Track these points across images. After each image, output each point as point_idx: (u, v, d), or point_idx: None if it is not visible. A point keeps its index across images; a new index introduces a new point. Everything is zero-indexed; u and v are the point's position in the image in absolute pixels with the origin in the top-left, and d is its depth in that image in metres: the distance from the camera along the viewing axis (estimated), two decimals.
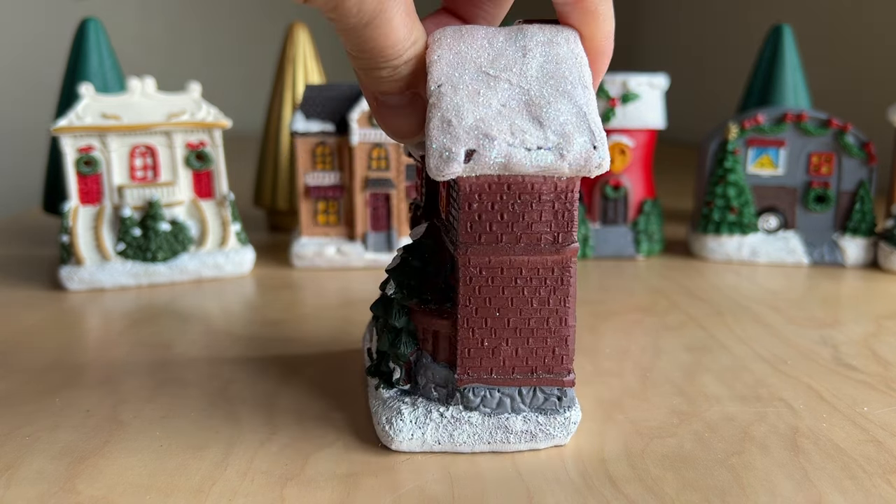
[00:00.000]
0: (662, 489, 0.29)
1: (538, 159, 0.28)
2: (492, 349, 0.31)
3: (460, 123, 0.28)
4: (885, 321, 0.50)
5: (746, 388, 0.39)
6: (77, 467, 0.31)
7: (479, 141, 0.28)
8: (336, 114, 0.62)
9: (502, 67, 0.29)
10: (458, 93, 0.29)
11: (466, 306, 0.31)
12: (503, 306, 0.31)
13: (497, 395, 0.32)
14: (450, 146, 0.28)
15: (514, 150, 0.28)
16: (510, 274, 0.31)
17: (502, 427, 0.31)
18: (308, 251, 0.62)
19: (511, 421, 0.31)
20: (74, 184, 0.58)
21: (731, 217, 0.64)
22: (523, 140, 0.28)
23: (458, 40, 0.30)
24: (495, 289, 0.31)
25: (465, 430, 0.31)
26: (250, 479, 0.30)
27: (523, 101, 0.29)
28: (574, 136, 0.28)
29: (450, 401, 0.32)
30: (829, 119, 0.62)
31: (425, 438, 0.31)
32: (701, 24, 1.80)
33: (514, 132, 0.28)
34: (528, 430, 0.31)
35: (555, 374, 0.32)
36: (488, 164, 0.28)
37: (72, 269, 0.56)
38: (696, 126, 1.44)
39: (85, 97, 0.57)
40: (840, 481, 0.29)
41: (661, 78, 0.66)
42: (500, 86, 0.29)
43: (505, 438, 0.32)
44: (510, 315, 0.31)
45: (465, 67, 0.29)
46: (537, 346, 0.31)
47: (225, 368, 0.41)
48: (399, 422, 0.32)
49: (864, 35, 1.19)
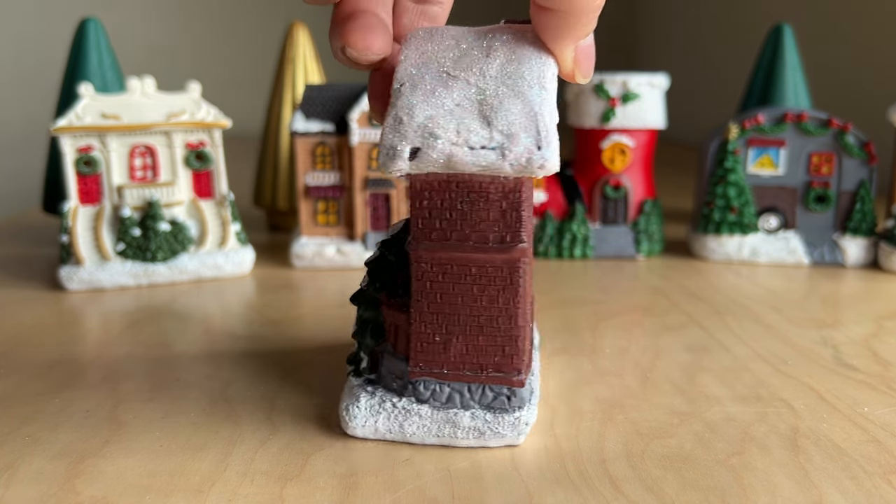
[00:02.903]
0: (662, 489, 0.29)
1: (480, 158, 0.28)
2: (443, 345, 0.32)
3: (410, 122, 0.29)
4: (886, 321, 0.49)
5: (746, 389, 0.38)
6: (77, 467, 0.31)
7: (424, 139, 0.29)
8: (336, 114, 0.62)
9: (463, 67, 0.30)
10: (416, 92, 0.29)
11: (419, 301, 0.32)
12: (453, 303, 0.31)
13: (447, 389, 0.32)
14: (396, 144, 0.29)
15: (456, 148, 0.28)
16: (460, 271, 0.31)
17: (451, 422, 0.32)
18: (308, 251, 0.62)
19: (459, 416, 0.32)
20: (74, 184, 0.57)
21: (732, 217, 0.64)
22: (468, 139, 0.28)
23: (427, 40, 0.31)
24: (446, 285, 0.31)
25: (414, 422, 0.32)
26: (250, 479, 0.30)
27: (477, 101, 0.29)
28: (519, 136, 0.28)
29: (404, 392, 0.33)
30: (830, 119, 0.62)
31: (377, 427, 0.32)
32: (701, 24, 1.80)
33: (459, 131, 0.29)
34: (476, 426, 0.32)
35: (504, 373, 0.32)
36: (431, 162, 0.29)
37: (71, 269, 0.56)
38: (696, 126, 1.44)
39: (84, 97, 0.57)
40: (840, 481, 0.29)
41: (661, 78, 0.66)
42: (457, 85, 0.29)
43: (453, 433, 0.32)
44: (460, 312, 0.31)
45: (428, 67, 0.30)
46: (487, 344, 0.32)
47: (225, 368, 0.41)
48: (355, 409, 0.33)
49: (864, 35, 1.19)
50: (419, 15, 0.33)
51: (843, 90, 1.18)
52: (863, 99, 1.14)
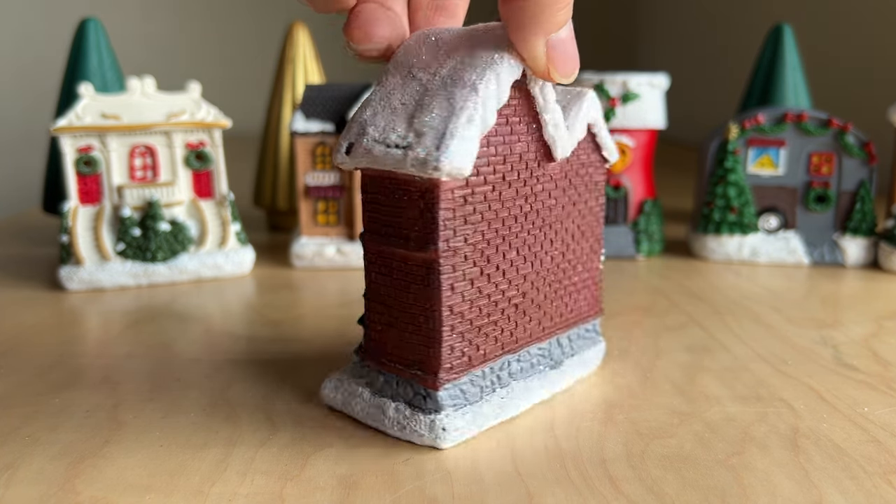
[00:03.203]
0: (662, 489, 0.29)
1: (389, 156, 0.29)
2: (384, 334, 0.33)
3: (356, 119, 0.31)
4: (886, 321, 0.49)
5: (746, 389, 0.39)
6: (77, 467, 0.31)
7: (357, 136, 0.30)
8: (336, 114, 0.62)
9: (424, 66, 0.30)
10: (379, 92, 0.31)
11: (367, 289, 0.33)
12: (390, 296, 0.32)
13: (381, 378, 0.34)
14: (341, 140, 0.31)
15: (376, 145, 0.30)
16: (394, 265, 0.32)
17: (381, 409, 0.33)
18: (308, 251, 0.62)
19: (386, 406, 0.33)
20: (74, 184, 0.57)
21: (732, 217, 0.64)
22: (387, 137, 0.29)
23: (416, 40, 0.31)
24: (385, 278, 0.32)
25: (357, 403, 0.34)
26: (250, 479, 0.30)
27: (416, 101, 0.30)
28: (427, 136, 0.29)
29: (359, 374, 0.35)
30: (830, 119, 0.62)
31: (336, 400, 0.35)
32: (701, 24, 1.80)
33: (385, 129, 0.30)
34: (398, 420, 0.32)
35: (423, 373, 0.32)
36: (358, 158, 0.30)
37: (71, 269, 0.56)
38: (696, 126, 1.44)
39: (84, 97, 0.57)
40: (840, 481, 0.29)
41: (661, 78, 0.66)
42: (412, 85, 0.30)
43: (382, 421, 0.33)
44: (396, 305, 0.32)
45: (401, 67, 0.31)
46: (414, 340, 0.32)
47: (225, 368, 0.41)
48: (327, 381, 0.36)
49: (864, 35, 1.19)
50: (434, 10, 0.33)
51: (843, 90, 1.18)
52: (863, 99, 1.14)
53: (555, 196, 0.35)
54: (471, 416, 0.32)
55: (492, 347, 0.33)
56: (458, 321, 0.31)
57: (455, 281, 0.31)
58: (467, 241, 0.31)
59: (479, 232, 0.31)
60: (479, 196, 0.31)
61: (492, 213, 0.32)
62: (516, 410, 0.35)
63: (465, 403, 0.32)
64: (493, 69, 0.29)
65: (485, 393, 0.33)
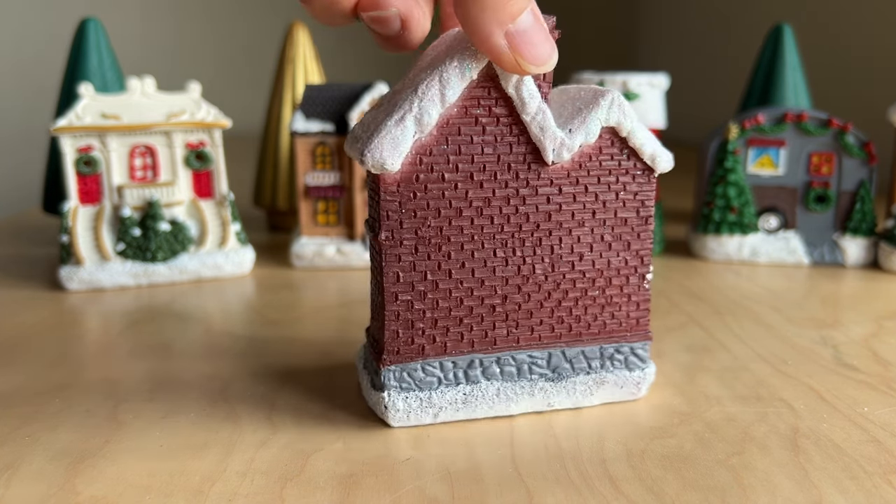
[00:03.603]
0: (662, 489, 0.29)
1: (353, 149, 0.32)
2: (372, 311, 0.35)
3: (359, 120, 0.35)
4: (886, 321, 0.49)
5: (746, 389, 0.39)
6: (77, 467, 0.31)
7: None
8: (336, 114, 0.62)
9: (417, 72, 0.32)
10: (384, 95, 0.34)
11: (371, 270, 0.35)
12: (374, 278, 0.34)
13: (363, 351, 0.38)
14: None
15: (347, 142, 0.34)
16: (374, 250, 0.34)
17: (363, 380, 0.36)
18: (308, 251, 0.62)
19: (362, 377, 0.36)
20: (74, 184, 0.57)
21: (732, 217, 0.64)
22: (355, 135, 0.33)
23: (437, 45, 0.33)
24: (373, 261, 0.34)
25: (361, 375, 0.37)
26: (250, 479, 0.30)
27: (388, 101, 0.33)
28: (368, 132, 0.31)
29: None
30: (830, 119, 0.62)
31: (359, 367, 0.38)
32: (701, 24, 1.80)
33: (363, 124, 0.33)
34: (368, 391, 0.35)
35: (376, 352, 0.34)
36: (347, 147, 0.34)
37: (71, 269, 0.56)
38: (696, 126, 1.44)
39: (84, 97, 0.57)
40: (840, 481, 0.29)
41: (662, 78, 0.66)
42: (403, 90, 0.32)
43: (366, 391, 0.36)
44: (375, 287, 0.34)
45: (410, 72, 0.33)
46: (377, 319, 0.34)
47: (225, 368, 0.41)
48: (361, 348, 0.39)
49: (864, 35, 1.19)
50: None
51: (843, 90, 1.18)
52: (863, 99, 1.14)
53: (556, 201, 0.33)
54: (419, 403, 0.33)
55: (455, 343, 0.34)
56: (404, 309, 0.33)
57: (402, 271, 0.32)
58: (417, 234, 0.32)
59: (433, 227, 0.32)
60: (435, 192, 0.32)
61: (452, 211, 0.32)
62: (492, 412, 0.34)
63: (414, 388, 0.34)
64: (439, 71, 0.30)
65: (444, 384, 0.34)
